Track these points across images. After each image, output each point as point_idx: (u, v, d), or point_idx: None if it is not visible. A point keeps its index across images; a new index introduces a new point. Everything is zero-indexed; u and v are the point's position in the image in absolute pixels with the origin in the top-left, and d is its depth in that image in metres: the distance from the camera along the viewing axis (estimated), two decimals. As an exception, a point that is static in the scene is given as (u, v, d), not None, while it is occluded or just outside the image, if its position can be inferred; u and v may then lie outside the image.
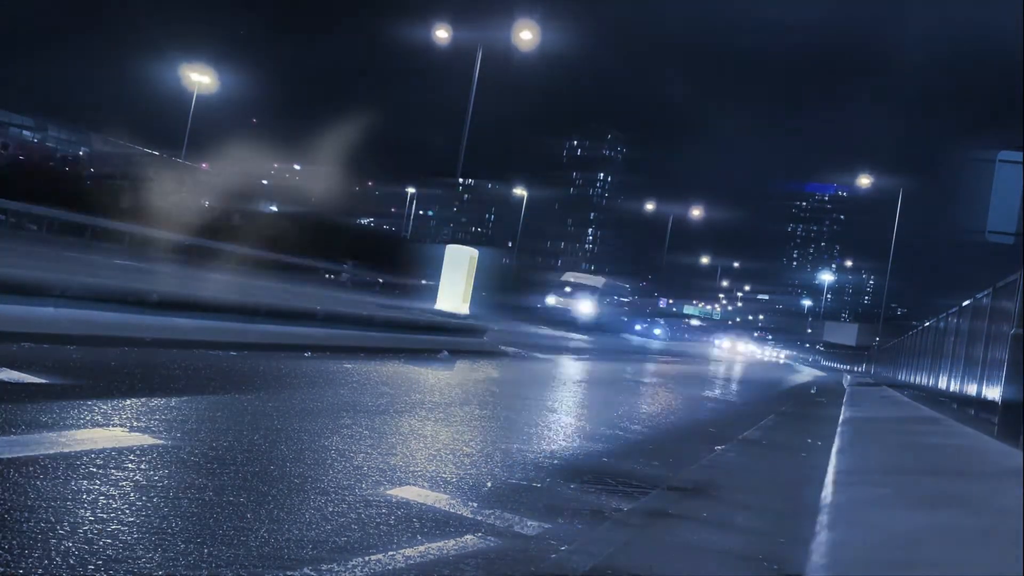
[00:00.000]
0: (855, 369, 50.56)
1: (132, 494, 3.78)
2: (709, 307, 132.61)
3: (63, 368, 6.67)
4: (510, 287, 41.48)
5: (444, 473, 5.33)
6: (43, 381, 6.01)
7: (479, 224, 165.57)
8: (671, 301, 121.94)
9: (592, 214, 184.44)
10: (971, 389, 11.65)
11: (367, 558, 3.46)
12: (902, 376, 26.00)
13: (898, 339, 32.29)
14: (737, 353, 67.47)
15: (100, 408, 5.44)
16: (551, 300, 47.29)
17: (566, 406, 10.50)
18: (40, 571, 2.79)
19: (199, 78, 49.82)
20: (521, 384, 12.98)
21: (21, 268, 9.22)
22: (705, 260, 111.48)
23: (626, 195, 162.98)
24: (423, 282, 31.35)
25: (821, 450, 8.30)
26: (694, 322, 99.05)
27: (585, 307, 46.41)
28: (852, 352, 62.80)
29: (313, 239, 32.15)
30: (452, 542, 3.89)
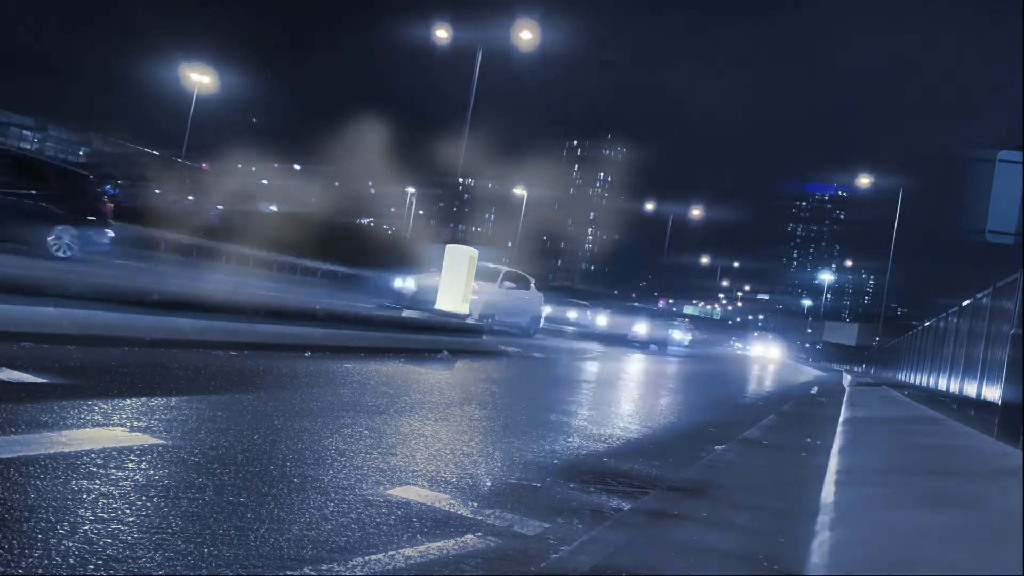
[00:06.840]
0: (855, 369, 50.56)
1: (132, 494, 3.78)
2: (709, 307, 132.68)
3: (63, 368, 6.67)
4: None
5: (444, 473, 5.33)
6: (43, 381, 6.01)
7: (479, 224, 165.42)
8: (671, 301, 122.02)
9: (592, 214, 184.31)
10: (971, 389, 11.66)
11: (367, 558, 3.46)
12: (902, 376, 26.03)
13: (898, 339, 32.32)
14: (747, 354, 65.88)
15: (100, 408, 5.44)
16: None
17: (566, 406, 10.49)
18: (40, 571, 2.79)
19: (199, 78, 49.81)
20: (521, 384, 12.99)
21: (21, 268, 9.22)
22: (705, 260, 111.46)
23: (626, 195, 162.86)
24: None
25: (821, 450, 8.29)
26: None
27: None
28: (852, 352, 62.75)
29: (312, 239, 32.16)
30: (452, 542, 3.89)
